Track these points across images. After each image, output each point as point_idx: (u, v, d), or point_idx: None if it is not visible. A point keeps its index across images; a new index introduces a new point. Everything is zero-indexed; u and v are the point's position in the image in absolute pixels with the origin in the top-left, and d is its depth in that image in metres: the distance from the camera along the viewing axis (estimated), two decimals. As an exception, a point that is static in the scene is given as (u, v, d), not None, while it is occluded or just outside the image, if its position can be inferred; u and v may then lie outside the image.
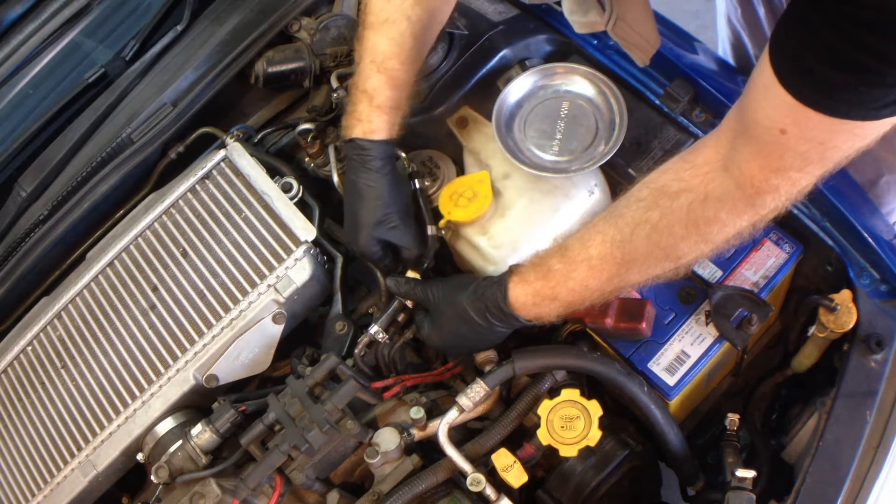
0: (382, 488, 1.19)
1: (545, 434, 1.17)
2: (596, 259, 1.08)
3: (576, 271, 1.10)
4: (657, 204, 1.03)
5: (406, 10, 1.26)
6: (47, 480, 1.34)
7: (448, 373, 1.35)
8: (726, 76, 1.44)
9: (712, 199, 0.98)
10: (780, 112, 0.86)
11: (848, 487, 1.15)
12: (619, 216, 1.07)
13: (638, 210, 1.05)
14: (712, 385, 1.43)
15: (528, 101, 1.35)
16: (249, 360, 1.33)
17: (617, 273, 1.08)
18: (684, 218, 1.01)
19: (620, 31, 1.29)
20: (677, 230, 1.02)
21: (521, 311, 1.16)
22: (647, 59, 1.33)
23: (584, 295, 1.12)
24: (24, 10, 1.85)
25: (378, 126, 1.28)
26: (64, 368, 1.41)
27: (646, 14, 1.27)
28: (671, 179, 1.03)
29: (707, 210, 0.99)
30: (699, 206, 0.99)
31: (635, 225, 1.05)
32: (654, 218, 1.03)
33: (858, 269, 1.27)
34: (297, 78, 1.64)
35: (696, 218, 1.00)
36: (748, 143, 0.93)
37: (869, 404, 1.19)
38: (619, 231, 1.06)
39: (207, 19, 1.73)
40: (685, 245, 1.03)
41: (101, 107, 1.66)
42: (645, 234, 1.04)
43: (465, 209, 1.32)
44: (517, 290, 1.15)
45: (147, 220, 1.45)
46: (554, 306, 1.14)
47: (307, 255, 1.35)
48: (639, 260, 1.06)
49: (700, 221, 1.00)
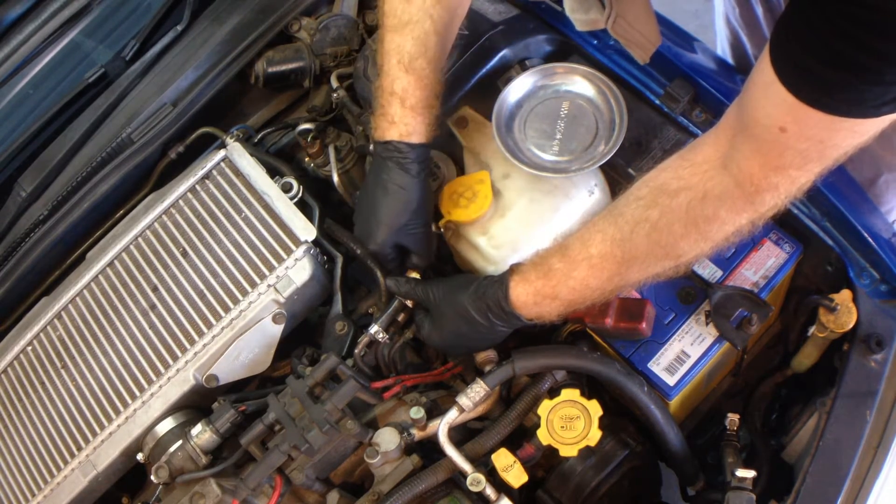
0: (382, 488, 1.19)
1: (545, 434, 1.17)
2: (596, 258, 1.09)
3: (576, 270, 1.11)
4: (656, 202, 1.03)
5: (428, 9, 1.26)
6: (47, 480, 1.34)
7: (448, 373, 1.35)
8: (726, 76, 1.44)
9: (711, 198, 0.99)
10: (780, 110, 0.86)
11: (848, 487, 1.15)
12: (619, 215, 1.07)
13: (637, 208, 1.05)
14: (712, 385, 1.43)
15: (528, 101, 1.35)
16: (249, 360, 1.33)
17: (617, 272, 1.09)
18: (684, 216, 1.01)
19: (620, 28, 1.29)
20: (677, 228, 1.02)
21: (523, 310, 1.16)
22: (647, 56, 1.33)
23: (584, 294, 1.12)
24: (24, 10, 1.85)
25: (415, 129, 1.28)
26: (64, 368, 1.41)
27: (646, 12, 1.27)
28: (670, 178, 1.03)
29: (706, 208, 0.99)
30: (698, 205, 1.00)
31: (635, 223, 1.05)
32: (653, 216, 1.03)
33: (858, 269, 1.27)
34: (297, 78, 1.64)
35: (695, 216, 1.00)
36: (747, 141, 0.93)
37: (869, 404, 1.19)
38: (618, 230, 1.07)
39: (207, 19, 1.73)
40: (685, 243, 1.03)
41: (101, 107, 1.66)
42: (645, 232, 1.04)
43: (465, 209, 1.32)
44: (518, 290, 1.15)
45: (147, 220, 1.45)
46: (555, 305, 1.15)
47: (307, 255, 1.35)
48: (639, 258, 1.07)
49: (699, 220, 1.01)
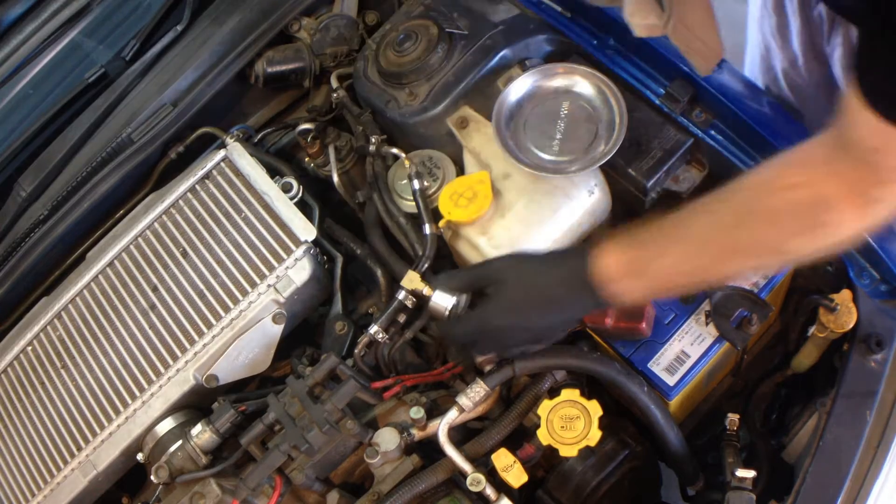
0: (382, 488, 1.19)
1: (545, 434, 1.17)
2: (697, 240, 1.03)
3: (672, 248, 1.04)
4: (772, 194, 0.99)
5: None
6: (47, 480, 1.34)
7: (448, 373, 1.35)
8: (726, 76, 1.43)
9: (824, 201, 0.96)
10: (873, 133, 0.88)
11: (848, 487, 1.15)
12: (725, 201, 1.02)
13: (746, 198, 1.01)
14: (712, 385, 1.43)
15: (528, 101, 1.35)
16: (249, 360, 1.34)
17: (719, 259, 1.04)
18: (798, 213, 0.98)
19: (680, 35, 1.22)
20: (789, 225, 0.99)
21: (607, 281, 1.06)
22: (709, 67, 1.27)
23: (673, 279, 1.06)
24: (24, 10, 1.85)
25: None
26: (64, 368, 1.41)
27: (707, 18, 1.20)
28: (778, 175, 1.00)
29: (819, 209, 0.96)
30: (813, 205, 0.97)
31: (744, 214, 1.01)
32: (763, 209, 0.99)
33: (858, 269, 1.27)
34: (297, 78, 1.64)
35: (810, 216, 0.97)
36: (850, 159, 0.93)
37: (869, 404, 1.19)
38: (723, 217, 1.02)
39: (207, 19, 1.73)
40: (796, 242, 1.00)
41: (101, 107, 1.66)
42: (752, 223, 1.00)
43: (465, 209, 1.32)
44: (608, 259, 1.06)
45: (147, 220, 1.45)
46: (639, 285, 1.06)
47: (307, 255, 1.35)
48: (742, 250, 1.03)
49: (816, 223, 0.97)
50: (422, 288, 1.31)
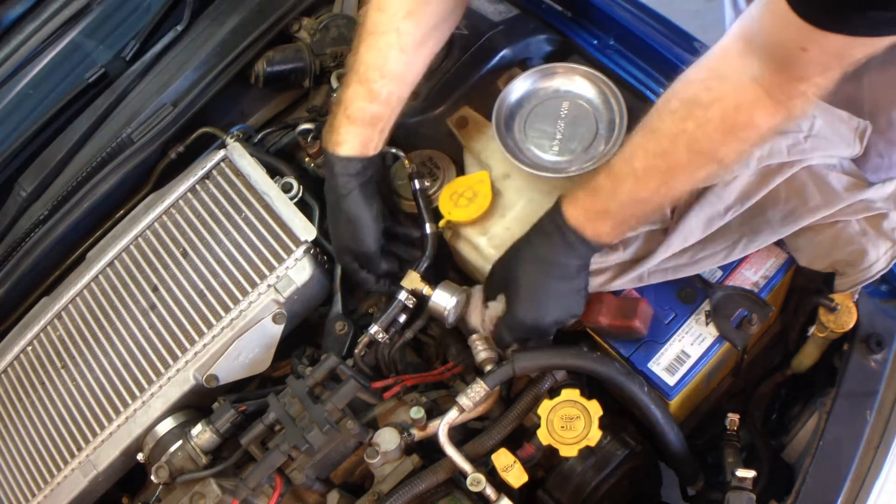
0: (382, 488, 1.19)
1: (545, 434, 1.17)
2: (641, 171, 1.11)
3: (623, 184, 1.12)
4: (691, 115, 1.05)
5: (396, 22, 1.23)
6: (47, 480, 1.34)
7: (448, 373, 1.35)
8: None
9: (745, 107, 1.02)
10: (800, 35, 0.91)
11: (848, 487, 1.15)
12: (656, 129, 1.09)
13: (673, 122, 1.07)
14: (712, 385, 1.43)
15: (528, 101, 1.35)
16: (249, 360, 1.34)
17: (664, 181, 1.11)
18: (720, 125, 1.04)
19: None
20: (716, 137, 1.05)
21: (579, 228, 1.16)
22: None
23: (636, 207, 1.15)
24: (24, 10, 1.85)
25: (346, 139, 1.26)
26: (64, 368, 1.41)
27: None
28: (700, 90, 1.05)
29: (741, 116, 1.03)
30: (733, 114, 1.03)
31: (673, 136, 1.07)
32: (690, 128, 1.06)
33: (858, 269, 1.27)
34: (297, 78, 1.64)
35: (731, 124, 1.04)
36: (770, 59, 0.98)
37: (869, 404, 1.19)
38: (657, 143, 1.09)
39: (207, 19, 1.73)
40: (725, 149, 1.07)
41: (101, 107, 1.66)
42: (684, 143, 1.07)
43: (465, 209, 1.32)
44: (570, 211, 1.17)
45: (147, 220, 1.45)
46: (608, 224, 1.16)
47: (307, 254, 1.35)
48: (682, 167, 1.09)
49: (736, 127, 1.04)
50: (422, 288, 1.31)
